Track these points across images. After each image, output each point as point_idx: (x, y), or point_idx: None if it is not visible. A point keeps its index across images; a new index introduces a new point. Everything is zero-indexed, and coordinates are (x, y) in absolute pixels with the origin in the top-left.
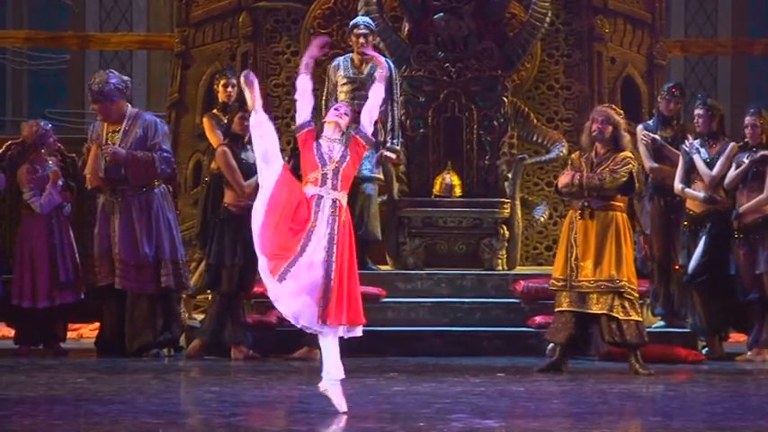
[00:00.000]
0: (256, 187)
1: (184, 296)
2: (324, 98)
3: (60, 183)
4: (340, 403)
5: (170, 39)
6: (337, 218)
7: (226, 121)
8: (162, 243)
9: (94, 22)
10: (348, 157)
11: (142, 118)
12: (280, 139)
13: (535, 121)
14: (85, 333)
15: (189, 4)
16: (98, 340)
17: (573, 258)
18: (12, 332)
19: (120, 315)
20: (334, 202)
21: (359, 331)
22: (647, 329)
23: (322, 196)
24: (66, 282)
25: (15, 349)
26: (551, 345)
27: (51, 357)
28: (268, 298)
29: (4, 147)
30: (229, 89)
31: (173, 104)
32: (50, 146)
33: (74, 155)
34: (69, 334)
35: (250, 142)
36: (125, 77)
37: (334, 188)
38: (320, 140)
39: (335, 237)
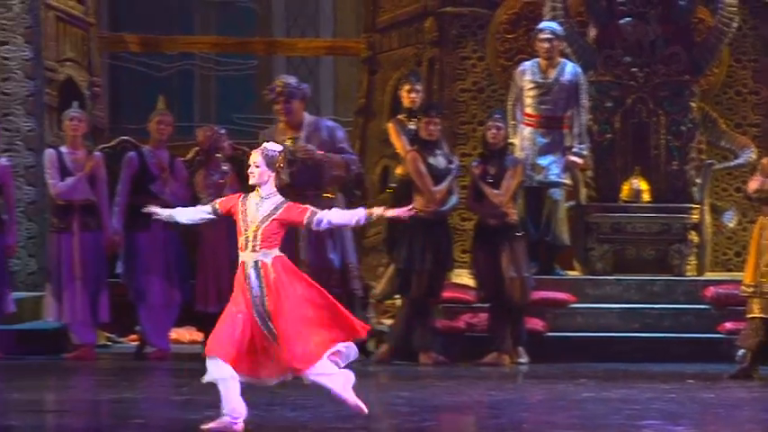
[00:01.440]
0: (446, 192)
1: (373, 301)
2: (510, 103)
3: (236, 188)
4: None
5: (356, 44)
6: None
7: (412, 126)
8: (346, 248)
9: (281, 28)
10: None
11: (323, 123)
12: (466, 143)
13: (723, 126)
14: None
15: (375, 9)
16: None
17: (763, 264)
18: (201, 336)
19: None
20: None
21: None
22: None
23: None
24: None
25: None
26: (742, 351)
27: None
28: (457, 303)
29: (191, 152)
30: (413, 95)
31: (360, 110)
32: (225, 150)
33: None
34: None
35: (438, 147)
36: (304, 84)
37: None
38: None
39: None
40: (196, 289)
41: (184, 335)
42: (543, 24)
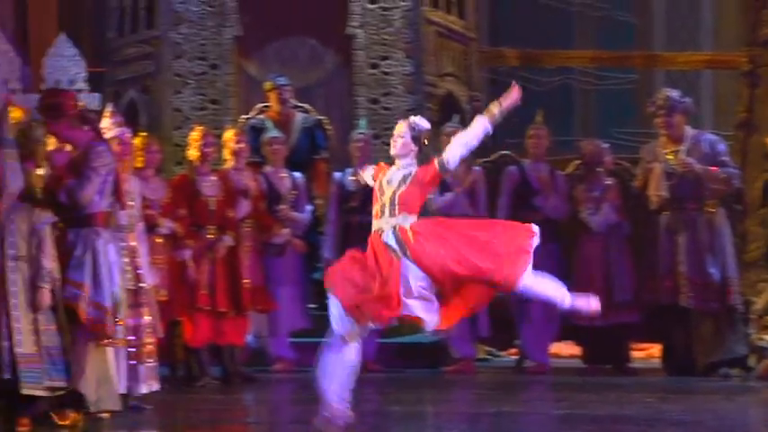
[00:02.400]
0: None
1: (754, 316)
2: None
3: (617, 203)
4: None
5: (737, 58)
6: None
7: None
8: (727, 262)
9: (661, 42)
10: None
11: (705, 137)
12: None
13: None
14: (654, 353)
15: (758, 22)
16: (665, 359)
17: None
18: (580, 351)
19: (686, 334)
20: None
21: None
22: None
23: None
24: (622, 302)
25: (584, 368)
26: None
27: (620, 376)
28: None
29: (571, 166)
30: None
31: (740, 124)
32: (607, 165)
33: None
34: (637, 353)
35: None
36: (687, 98)
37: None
38: None
39: None
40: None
41: (563, 349)
42: None
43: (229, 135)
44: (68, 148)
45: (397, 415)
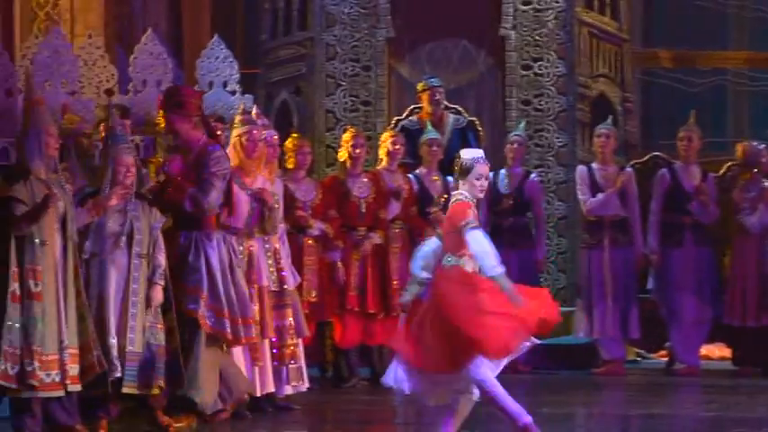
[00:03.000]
0: None
1: None
2: None
3: None
4: None
5: None
6: None
7: None
8: None
9: None
10: None
11: None
12: None
13: None
14: None
15: None
16: None
17: None
18: (730, 352)
19: None
20: None
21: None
22: None
23: None
24: None
25: (736, 370)
26: None
27: None
28: None
29: (725, 167)
30: None
31: None
32: (764, 167)
33: None
34: None
35: None
36: None
37: None
38: None
39: None
40: (725, 303)
41: (714, 351)
42: None
43: (386, 136)
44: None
45: (546, 416)
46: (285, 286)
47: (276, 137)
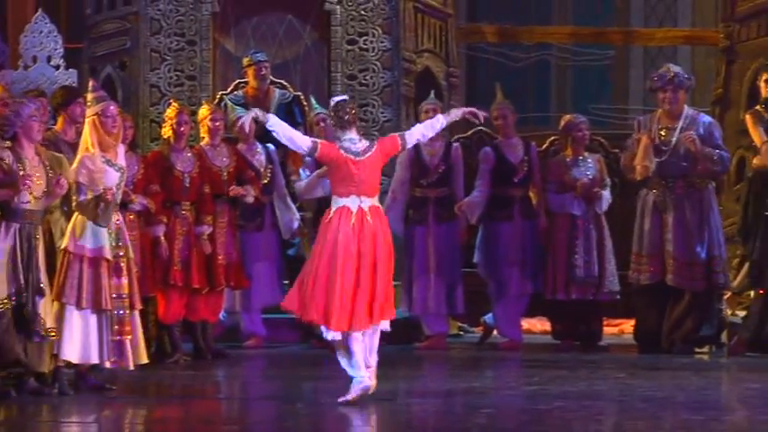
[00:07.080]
0: None
1: (728, 293)
2: None
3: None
4: None
5: (714, 34)
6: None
7: None
8: (713, 240)
9: (638, 18)
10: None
11: (701, 119)
12: None
13: None
14: (626, 329)
15: None
16: (637, 335)
17: None
18: (551, 326)
19: (660, 311)
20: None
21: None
22: None
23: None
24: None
25: (557, 344)
26: None
27: (592, 353)
28: None
29: (547, 142)
30: None
31: (716, 100)
32: (580, 138)
33: (617, 150)
34: (610, 329)
35: None
36: (689, 74)
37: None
38: None
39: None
40: (546, 278)
41: (536, 325)
42: None
43: (204, 112)
44: None
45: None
46: None
47: (115, 108)
